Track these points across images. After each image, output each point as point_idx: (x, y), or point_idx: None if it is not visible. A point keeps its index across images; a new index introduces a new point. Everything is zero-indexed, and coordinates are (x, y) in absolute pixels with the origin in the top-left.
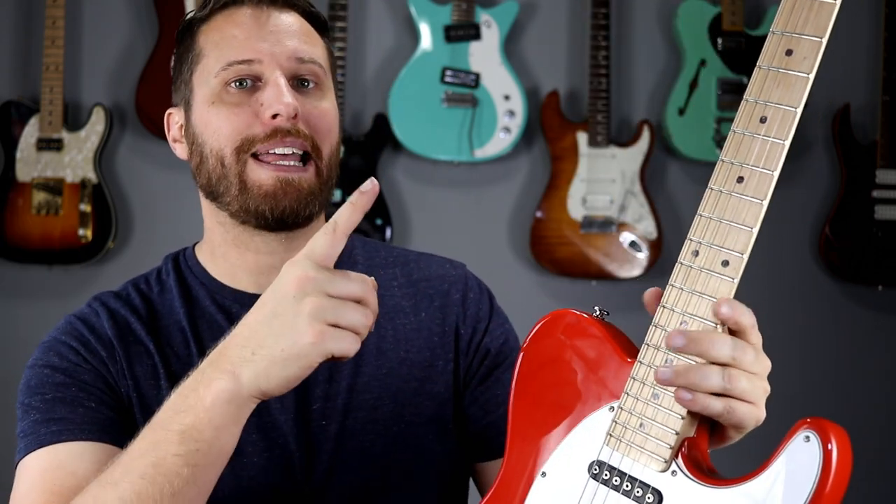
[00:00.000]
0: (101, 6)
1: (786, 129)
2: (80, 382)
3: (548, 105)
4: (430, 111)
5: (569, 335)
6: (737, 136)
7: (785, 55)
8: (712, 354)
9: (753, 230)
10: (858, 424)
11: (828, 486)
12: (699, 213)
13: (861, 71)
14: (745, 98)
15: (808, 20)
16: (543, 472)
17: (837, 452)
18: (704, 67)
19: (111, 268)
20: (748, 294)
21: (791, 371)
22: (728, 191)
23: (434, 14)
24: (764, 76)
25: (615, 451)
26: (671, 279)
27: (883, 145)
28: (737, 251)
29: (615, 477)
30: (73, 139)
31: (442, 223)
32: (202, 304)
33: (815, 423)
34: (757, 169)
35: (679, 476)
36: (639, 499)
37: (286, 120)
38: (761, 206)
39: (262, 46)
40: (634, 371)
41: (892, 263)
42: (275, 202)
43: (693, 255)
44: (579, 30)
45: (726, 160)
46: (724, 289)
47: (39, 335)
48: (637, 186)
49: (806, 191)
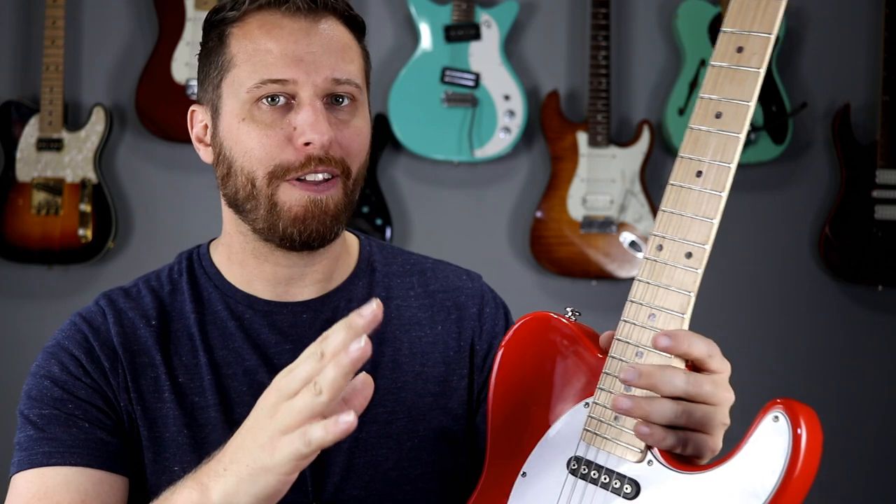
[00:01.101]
0: (101, 6)
1: (740, 122)
2: (77, 400)
3: (548, 105)
4: (430, 111)
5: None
6: (694, 133)
7: (736, 52)
8: (662, 390)
9: (714, 222)
10: (858, 424)
11: (798, 464)
12: (661, 208)
13: (861, 71)
14: (700, 95)
15: (755, 18)
16: (524, 472)
17: (806, 430)
18: (704, 67)
19: (111, 268)
20: (748, 294)
21: (791, 371)
22: (688, 185)
23: (434, 14)
24: (717, 73)
25: (592, 446)
26: (637, 275)
27: (883, 145)
28: (699, 243)
29: (593, 471)
30: (73, 139)
31: (442, 223)
32: (214, 308)
33: (784, 403)
34: (714, 162)
35: (655, 465)
36: (617, 490)
37: (320, 149)
38: (721, 198)
39: (299, 65)
40: (606, 366)
41: (892, 263)
42: (303, 226)
43: (657, 249)
44: (579, 30)
45: (685, 156)
46: (688, 280)
47: (39, 335)
48: (637, 186)
49: (806, 191)
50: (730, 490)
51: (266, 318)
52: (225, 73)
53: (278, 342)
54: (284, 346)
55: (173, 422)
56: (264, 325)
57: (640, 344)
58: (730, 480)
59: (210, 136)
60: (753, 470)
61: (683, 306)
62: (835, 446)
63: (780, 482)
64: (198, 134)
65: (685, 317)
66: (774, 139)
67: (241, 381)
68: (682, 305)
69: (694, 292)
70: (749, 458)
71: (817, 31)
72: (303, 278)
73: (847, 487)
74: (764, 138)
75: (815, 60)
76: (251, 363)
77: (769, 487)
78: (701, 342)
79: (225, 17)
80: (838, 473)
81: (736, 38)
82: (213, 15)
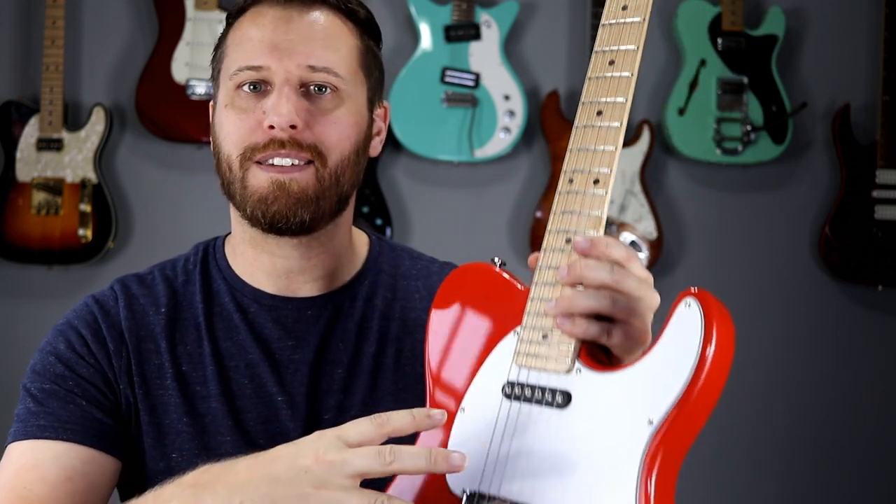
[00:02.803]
0: (101, 6)
1: (630, 64)
2: (78, 377)
3: (548, 105)
4: (430, 111)
5: (472, 283)
6: (592, 81)
7: (622, 10)
8: (589, 278)
9: (616, 149)
10: (858, 424)
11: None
12: (569, 149)
13: (861, 71)
14: (595, 50)
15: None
16: (462, 408)
17: (716, 313)
18: (704, 67)
19: (111, 268)
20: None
21: (791, 371)
22: (590, 124)
23: (434, 14)
24: (608, 30)
25: (523, 368)
26: (553, 209)
27: (883, 145)
28: (604, 168)
29: (526, 390)
30: (73, 139)
31: (442, 223)
32: (222, 300)
33: (697, 292)
34: (611, 100)
35: (583, 372)
36: (550, 403)
37: (280, 131)
38: (619, 130)
39: (273, 52)
40: (532, 292)
41: (892, 263)
42: (265, 206)
43: (569, 183)
44: (579, 30)
45: (586, 101)
46: (597, 202)
47: (39, 335)
48: (637, 186)
49: (806, 191)
50: (653, 379)
51: (271, 312)
52: (220, 63)
53: (281, 337)
54: (287, 341)
55: (174, 409)
56: (268, 320)
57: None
58: (652, 370)
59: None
60: (672, 356)
61: (596, 226)
62: (834, 445)
63: (696, 361)
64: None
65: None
66: (774, 139)
67: (243, 374)
68: (594, 225)
69: (604, 213)
70: (666, 345)
71: (817, 31)
72: (302, 272)
73: (847, 487)
74: (764, 138)
75: (815, 60)
76: (253, 356)
77: (687, 368)
78: (619, 246)
79: (231, 13)
80: (838, 473)
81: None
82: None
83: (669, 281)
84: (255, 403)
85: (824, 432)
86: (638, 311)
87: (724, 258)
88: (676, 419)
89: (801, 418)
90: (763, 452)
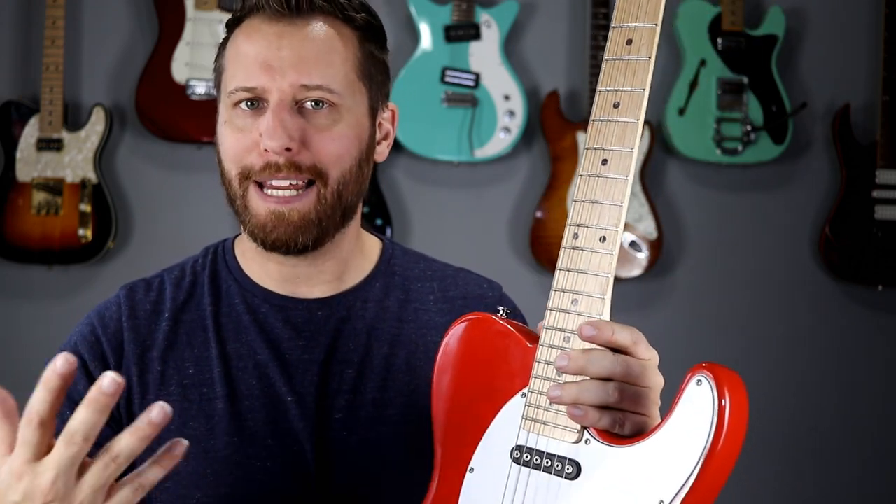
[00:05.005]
0: (101, 6)
1: (636, 109)
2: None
3: (548, 105)
4: (430, 111)
5: (477, 337)
6: (596, 124)
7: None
8: (591, 371)
9: (623, 205)
10: (858, 424)
11: (725, 424)
12: (573, 199)
13: (861, 71)
14: (598, 89)
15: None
16: (471, 468)
17: (729, 392)
18: (704, 67)
19: (111, 268)
20: (749, 294)
21: (791, 371)
22: (595, 174)
23: (434, 14)
24: (612, 67)
25: (531, 433)
26: (557, 265)
27: (883, 145)
28: (611, 227)
29: (535, 457)
30: (73, 139)
31: (442, 223)
32: (231, 301)
33: (707, 366)
34: (616, 149)
35: (592, 443)
36: (559, 472)
37: (275, 155)
38: (626, 183)
39: (266, 72)
40: (538, 355)
41: (892, 263)
42: (265, 233)
43: (574, 238)
44: (579, 30)
45: (590, 147)
46: (604, 263)
47: (39, 335)
48: (637, 186)
49: (806, 191)
50: (663, 457)
51: (281, 312)
52: (220, 76)
53: (291, 337)
54: (297, 341)
55: (178, 414)
56: (279, 320)
57: (567, 329)
58: (662, 448)
59: None
60: (682, 436)
61: (603, 288)
62: (834, 445)
63: (708, 445)
64: None
65: (605, 298)
66: (774, 139)
67: (252, 375)
68: (601, 288)
69: (611, 274)
70: (677, 424)
71: (817, 31)
72: (310, 279)
73: (847, 486)
74: (764, 138)
75: (815, 60)
76: (262, 356)
77: (698, 450)
78: (625, 331)
79: (229, 22)
80: (838, 472)
81: (625, 31)
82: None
83: (669, 281)
84: (264, 404)
85: (824, 432)
86: (645, 401)
87: (724, 258)
88: (689, 499)
89: (801, 418)
90: (763, 452)
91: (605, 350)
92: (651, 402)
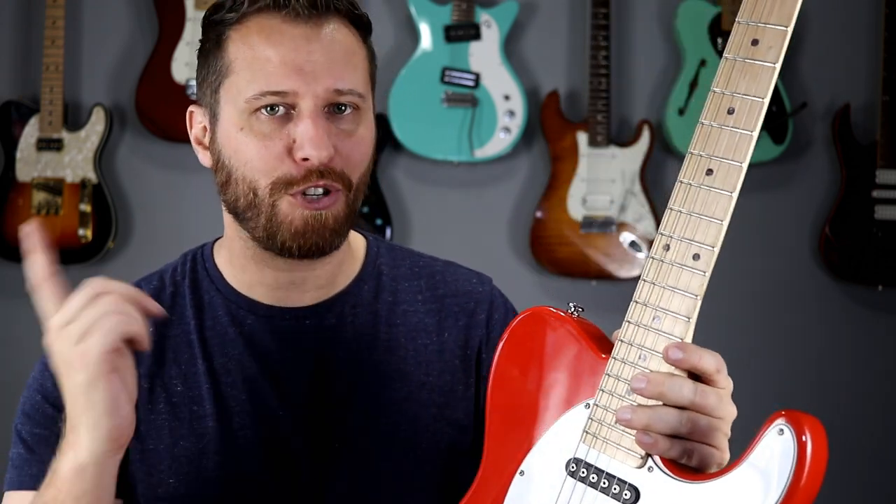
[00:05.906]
0: (101, 6)
1: (753, 119)
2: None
3: (548, 105)
4: (430, 111)
5: (545, 333)
6: (705, 128)
7: (751, 45)
8: (669, 398)
9: (724, 223)
10: (859, 424)
11: (803, 479)
12: (669, 206)
13: (861, 71)
14: (713, 89)
15: (773, 9)
16: (522, 470)
17: (812, 444)
18: (704, 67)
19: (111, 268)
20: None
21: (791, 371)
22: (697, 184)
23: (434, 14)
24: (731, 66)
25: (592, 449)
26: (643, 274)
27: (883, 145)
28: (707, 244)
29: (592, 474)
30: (73, 139)
31: (442, 223)
32: (215, 313)
33: (789, 415)
34: (726, 161)
35: (655, 472)
36: (616, 495)
37: (319, 165)
38: (731, 199)
39: (299, 75)
40: (609, 367)
41: (892, 263)
42: (303, 239)
43: (664, 249)
44: (579, 30)
45: (695, 153)
46: (695, 283)
47: (39, 335)
48: (637, 186)
49: (806, 191)
50: (731, 502)
51: (268, 323)
52: (223, 78)
53: (280, 349)
54: (286, 353)
55: (168, 434)
56: (266, 332)
57: (644, 346)
58: (732, 492)
59: (209, 140)
60: (756, 482)
61: (689, 310)
62: (835, 446)
63: (783, 496)
64: (197, 135)
65: (690, 321)
66: (774, 139)
67: (241, 390)
68: (688, 309)
69: (700, 296)
70: (752, 470)
71: (817, 31)
72: (304, 283)
73: (848, 487)
74: (764, 138)
75: (815, 60)
76: (251, 371)
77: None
78: (711, 357)
79: (223, 19)
80: (839, 473)
81: (752, 29)
82: (211, 13)
83: None
84: (255, 420)
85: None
86: (716, 433)
87: (724, 258)
88: None
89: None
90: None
91: (685, 377)
92: (722, 435)
